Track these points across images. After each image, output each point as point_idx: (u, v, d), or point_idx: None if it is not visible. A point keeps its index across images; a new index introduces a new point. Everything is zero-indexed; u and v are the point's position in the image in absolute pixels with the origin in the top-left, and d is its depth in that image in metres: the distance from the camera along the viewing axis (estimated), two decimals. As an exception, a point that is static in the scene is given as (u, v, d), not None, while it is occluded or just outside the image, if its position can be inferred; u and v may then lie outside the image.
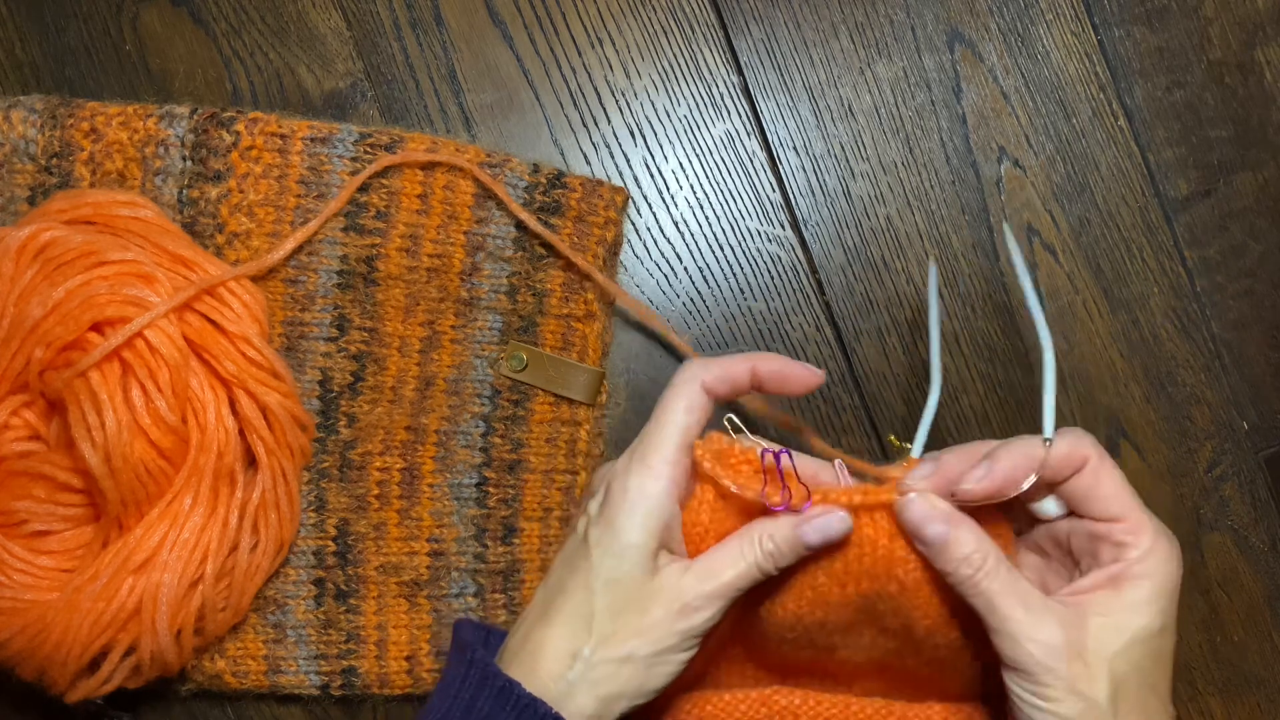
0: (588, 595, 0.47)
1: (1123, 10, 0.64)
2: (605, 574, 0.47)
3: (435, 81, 0.61)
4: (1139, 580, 0.46)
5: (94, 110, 0.56)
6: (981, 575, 0.45)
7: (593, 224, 0.59)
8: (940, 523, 0.46)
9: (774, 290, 0.62)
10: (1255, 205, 0.64)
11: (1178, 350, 0.64)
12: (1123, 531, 0.46)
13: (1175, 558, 0.47)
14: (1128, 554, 0.46)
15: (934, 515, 0.46)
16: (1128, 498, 0.47)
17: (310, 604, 0.59)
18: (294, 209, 0.58)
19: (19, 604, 0.53)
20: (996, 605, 0.45)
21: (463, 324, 0.59)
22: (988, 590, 0.45)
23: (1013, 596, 0.45)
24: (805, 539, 0.47)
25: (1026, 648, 0.44)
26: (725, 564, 0.47)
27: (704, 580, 0.47)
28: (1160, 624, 0.46)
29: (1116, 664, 0.45)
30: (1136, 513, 0.46)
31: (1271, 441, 0.64)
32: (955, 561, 0.46)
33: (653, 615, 0.47)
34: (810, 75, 0.63)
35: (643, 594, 0.47)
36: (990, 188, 0.63)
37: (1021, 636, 0.45)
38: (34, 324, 0.51)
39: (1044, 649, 0.44)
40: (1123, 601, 0.45)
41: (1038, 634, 0.44)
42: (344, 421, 0.59)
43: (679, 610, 0.47)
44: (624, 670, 0.47)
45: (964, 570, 0.45)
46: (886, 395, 0.62)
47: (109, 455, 0.51)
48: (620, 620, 0.47)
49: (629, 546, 0.46)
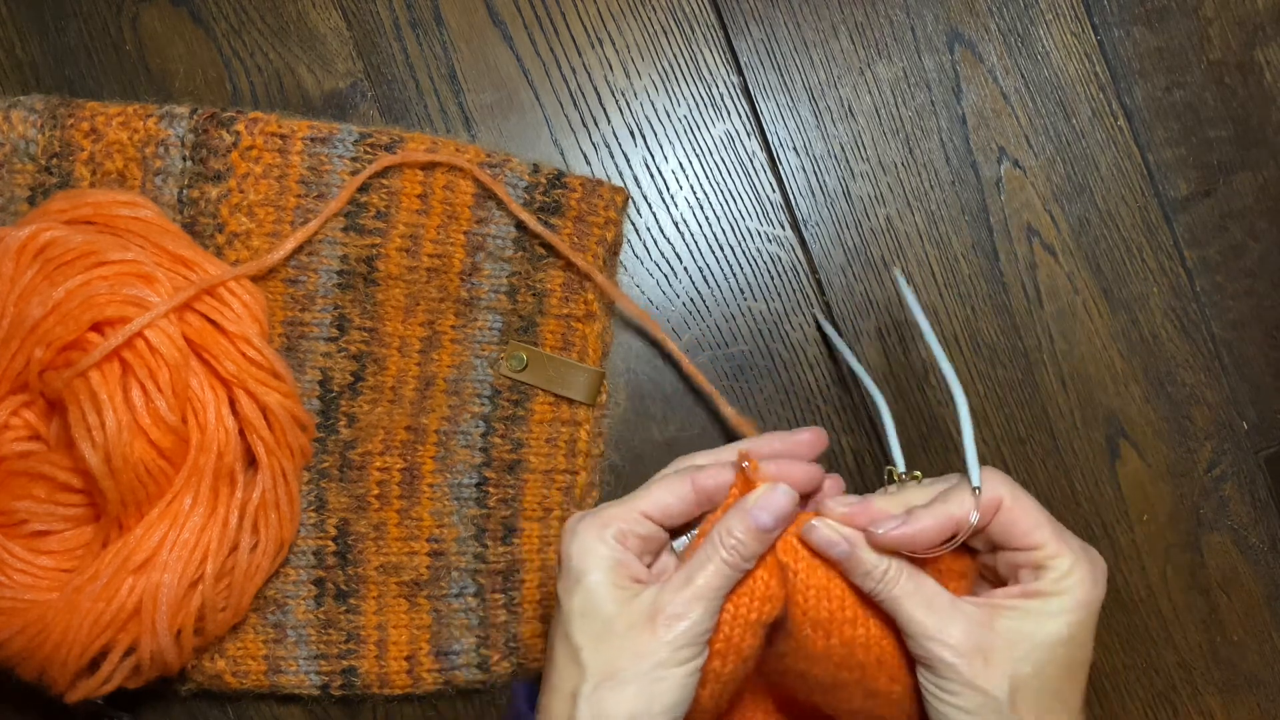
0: (567, 639, 0.47)
1: (1123, 10, 0.64)
2: (577, 612, 0.47)
3: (435, 81, 0.61)
4: (1051, 595, 0.48)
5: (94, 110, 0.56)
6: (885, 584, 0.48)
7: (593, 224, 0.59)
8: (841, 543, 0.49)
9: (774, 290, 0.62)
10: (1255, 205, 0.64)
11: (1178, 350, 0.64)
12: (1041, 557, 0.48)
13: (1097, 579, 0.48)
14: (1047, 575, 0.48)
15: (834, 538, 0.49)
16: (1045, 527, 0.49)
17: (310, 604, 0.59)
18: (294, 209, 0.58)
19: (19, 604, 0.53)
20: (902, 608, 0.48)
21: (463, 324, 0.59)
22: (893, 595, 0.48)
23: (917, 598, 0.48)
24: (758, 523, 0.48)
25: (929, 645, 0.47)
26: (696, 567, 0.48)
27: (680, 588, 0.48)
28: (1069, 634, 0.47)
29: (1019, 665, 0.47)
30: (1054, 539, 0.48)
31: (1271, 441, 0.64)
32: (861, 576, 0.48)
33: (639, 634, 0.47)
34: (810, 75, 0.63)
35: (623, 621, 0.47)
36: (990, 188, 0.63)
37: (925, 635, 0.47)
38: (34, 324, 0.51)
39: (946, 647, 0.47)
40: (1033, 609, 0.48)
41: (939, 633, 0.47)
42: (344, 421, 0.59)
43: (662, 621, 0.47)
44: (626, 693, 0.47)
45: (869, 583, 0.48)
46: (886, 395, 0.62)
47: (109, 455, 0.51)
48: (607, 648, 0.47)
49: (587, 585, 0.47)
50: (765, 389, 0.62)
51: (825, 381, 0.62)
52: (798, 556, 0.50)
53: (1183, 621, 0.64)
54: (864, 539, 0.49)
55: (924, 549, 0.49)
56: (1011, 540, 0.49)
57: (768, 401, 0.62)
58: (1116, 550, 0.63)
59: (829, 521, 0.49)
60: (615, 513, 0.49)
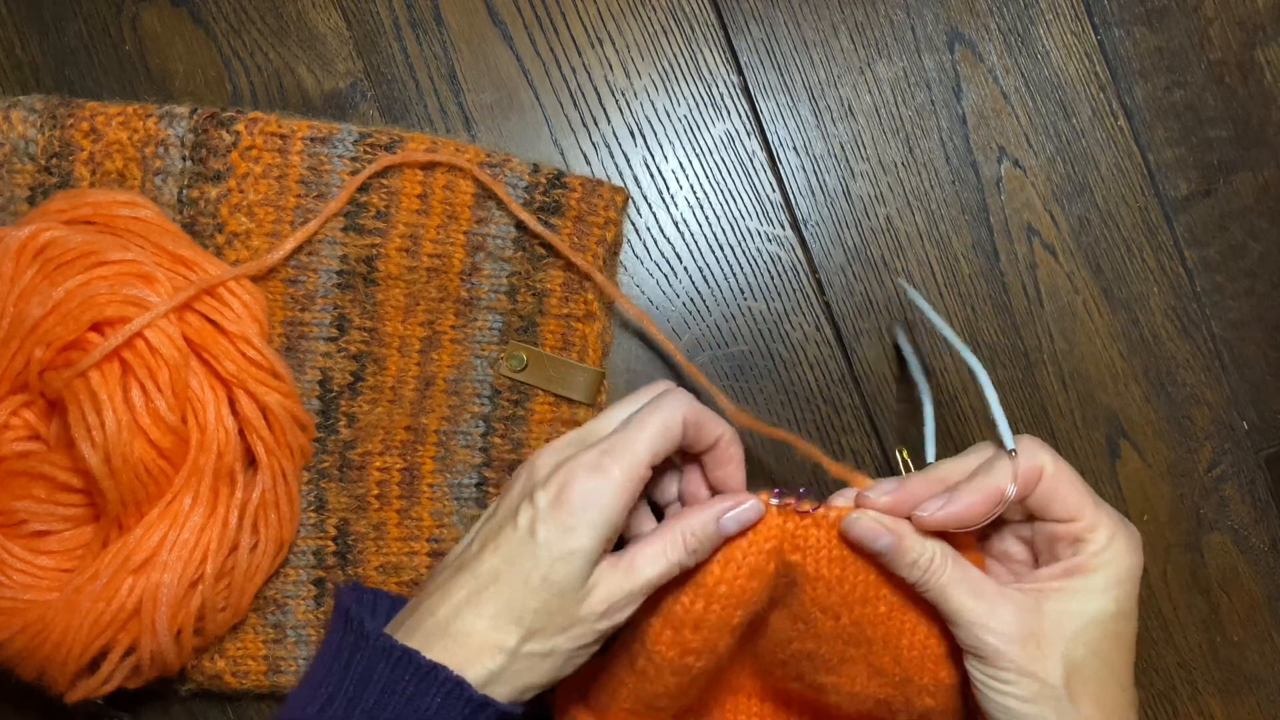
0: (525, 592, 0.47)
1: (1123, 10, 0.64)
2: (548, 574, 0.47)
3: (435, 81, 0.61)
4: (1096, 570, 0.47)
5: (94, 110, 0.56)
6: (932, 573, 0.48)
7: (593, 224, 0.59)
8: (886, 535, 0.48)
9: (774, 290, 0.62)
10: (1255, 205, 0.64)
11: (1178, 350, 0.64)
12: (1081, 529, 0.48)
13: (1135, 548, 0.48)
14: (1086, 548, 0.48)
15: (879, 530, 0.48)
16: (1085, 497, 0.48)
17: (310, 604, 0.59)
18: (294, 209, 0.58)
19: (19, 604, 0.53)
20: (950, 596, 0.47)
21: (463, 324, 0.59)
22: (940, 585, 0.48)
23: (964, 585, 0.47)
24: (725, 530, 0.49)
25: (979, 634, 0.47)
26: (648, 562, 0.48)
27: (629, 579, 0.48)
28: (1116, 609, 0.47)
29: (1071, 647, 0.46)
30: (1093, 510, 0.48)
31: (1271, 441, 0.64)
32: (907, 566, 0.48)
33: (580, 613, 0.48)
34: (810, 75, 0.63)
35: (576, 596, 0.47)
36: (990, 188, 0.63)
37: (974, 624, 0.47)
38: (34, 324, 0.51)
39: (996, 635, 0.46)
40: (1079, 587, 0.47)
41: (990, 620, 0.47)
42: (344, 421, 0.59)
43: (604, 611, 0.48)
44: (545, 664, 0.48)
45: (915, 573, 0.48)
46: (886, 395, 0.62)
47: (109, 455, 0.51)
48: (550, 619, 0.47)
49: (577, 552, 0.47)
50: (765, 389, 0.62)
51: (825, 381, 0.62)
52: (806, 552, 0.50)
53: (1183, 621, 0.64)
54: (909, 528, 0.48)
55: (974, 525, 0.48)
56: (1051, 511, 0.48)
57: (768, 401, 0.62)
58: (1116, 550, 0.63)
59: (871, 513, 0.48)
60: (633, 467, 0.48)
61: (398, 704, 0.45)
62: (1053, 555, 0.49)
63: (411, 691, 0.45)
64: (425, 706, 0.45)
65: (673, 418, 0.50)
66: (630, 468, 0.48)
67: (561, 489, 0.48)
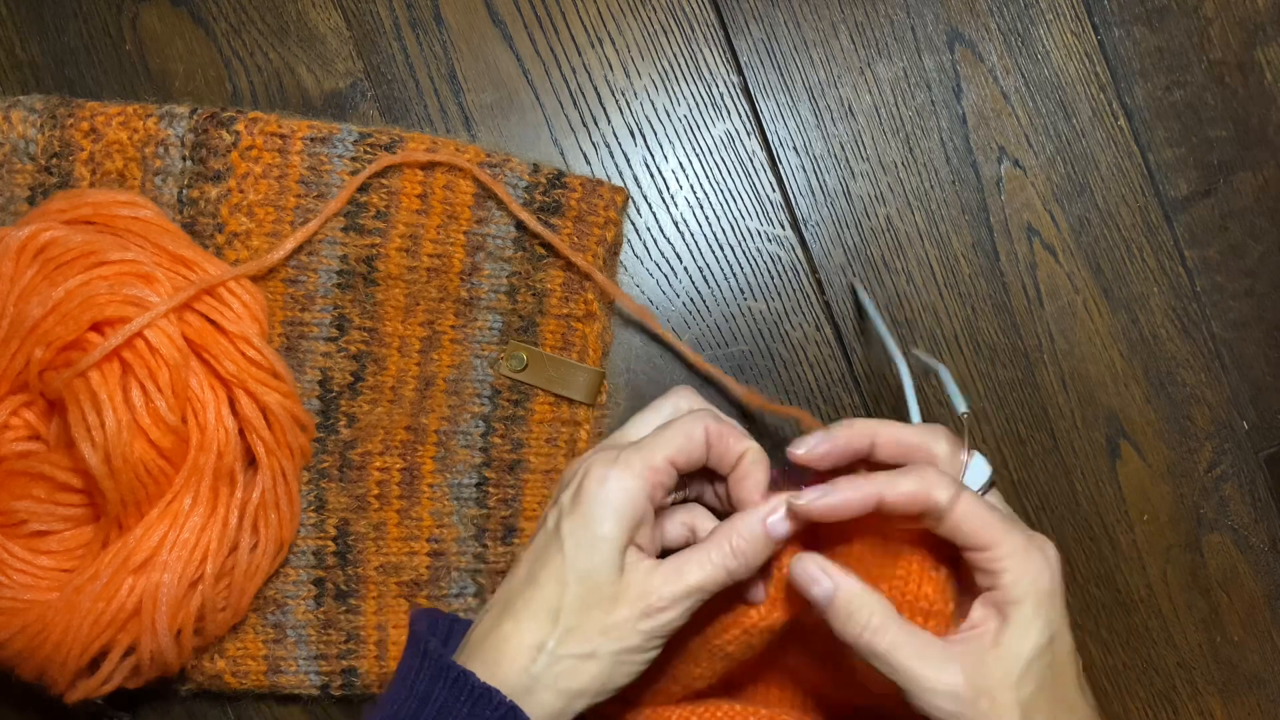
0: (559, 587, 0.47)
1: (1123, 10, 0.64)
2: (576, 565, 0.47)
3: (435, 81, 0.61)
4: (1017, 603, 0.46)
5: (94, 110, 0.56)
6: (870, 633, 0.45)
7: (593, 224, 0.59)
8: (824, 581, 0.46)
9: (774, 290, 0.62)
10: (1255, 205, 0.64)
11: (1178, 350, 0.64)
12: (988, 560, 0.46)
13: (1047, 564, 0.46)
14: (1000, 580, 0.46)
15: (816, 574, 0.46)
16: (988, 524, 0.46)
17: (310, 604, 0.59)
18: (294, 209, 0.58)
19: (19, 604, 0.53)
20: (894, 661, 0.45)
21: (463, 324, 0.59)
22: (881, 648, 0.45)
23: (908, 649, 0.45)
24: (774, 533, 0.48)
25: (931, 699, 0.45)
26: (695, 566, 0.47)
27: (671, 581, 0.47)
28: (1049, 635, 0.46)
29: (1021, 689, 0.45)
30: (999, 536, 0.46)
31: (1271, 441, 0.64)
32: (843, 620, 0.46)
33: (619, 613, 0.47)
34: (810, 75, 0.63)
35: (612, 590, 0.47)
36: (990, 188, 0.63)
37: (925, 690, 0.45)
38: (34, 324, 0.51)
39: (948, 698, 0.45)
40: (1009, 628, 0.46)
41: (939, 684, 0.45)
42: (344, 421, 0.59)
43: (644, 610, 0.47)
44: (587, 667, 0.47)
45: (852, 631, 0.46)
46: (886, 395, 0.62)
47: (109, 455, 0.51)
48: (587, 615, 0.47)
49: (601, 539, 0.47)
50: (765, 389, 0.62)
51: (825, 381, 0.62)
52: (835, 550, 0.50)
53: (1183, 621, 0.64)
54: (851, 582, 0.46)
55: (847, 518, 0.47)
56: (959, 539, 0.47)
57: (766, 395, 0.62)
58: (1116, 550, 0.63)
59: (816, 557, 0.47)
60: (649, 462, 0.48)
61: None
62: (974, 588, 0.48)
63: (465, 713, 0.45)
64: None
65: (695, 427, 0.49)
66: (648, 459, 0.48)
67: (581, 483, 0.48)
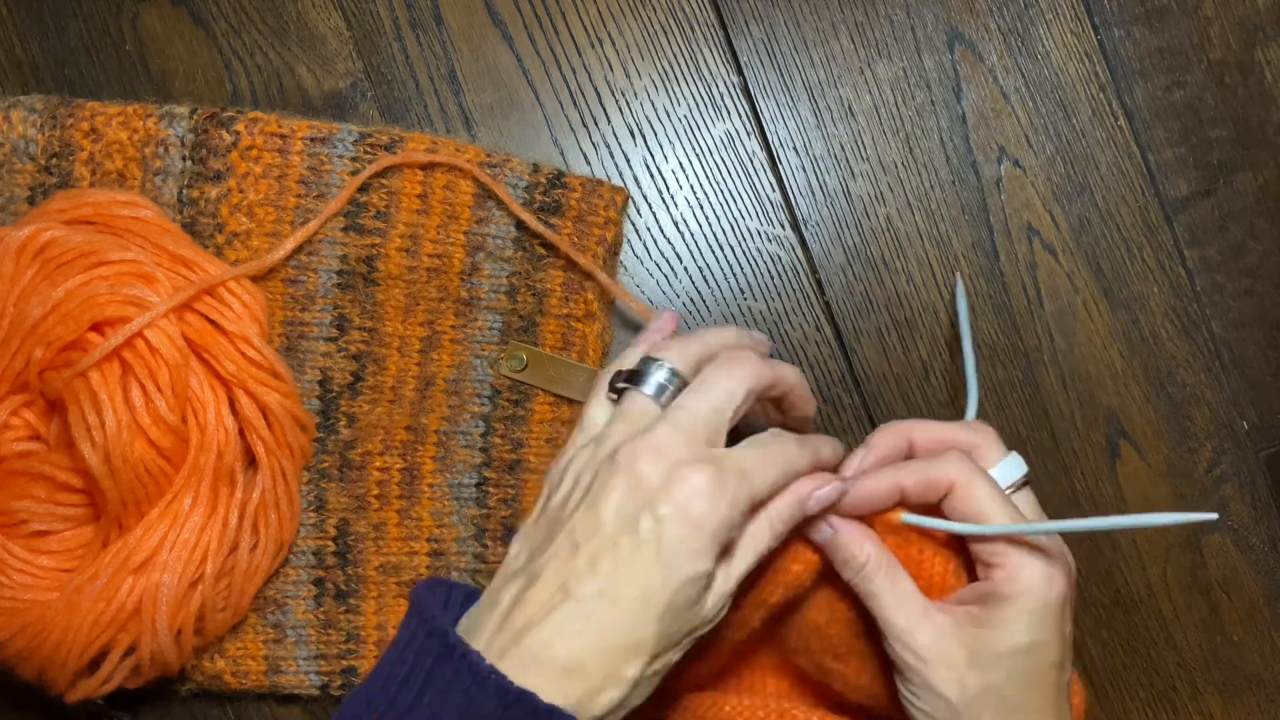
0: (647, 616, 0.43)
1: (1123, 10, 0.64)
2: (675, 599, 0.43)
3: (435, 81, 0.61)
4: (1005, 600, 0.46)
5: (94, 110, 0.56)
6: (862, 578, 0.48)
7: (593, 224, 0.59)
8: (825, 527, 0.48)
9: (774, 290, 0.62)
10: (1255, 205, 0.64)
11: (1178, 350, 0.64)
12: (989, 553, 0.47)
13: (1052, 578, 0.46)
14: (995, 573, 0.47)
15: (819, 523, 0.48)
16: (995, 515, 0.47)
17: (310, 604, 0.59)
18: (294, 209, 0.58)
19: (19, 604, 0.53)
20: (876, 604, 0.47)
21: (463, 324, 0.59)
22: (869, 591, 0.48)
23: (890, 597, 0.47)
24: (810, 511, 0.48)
25: (895, 647, 0.47)
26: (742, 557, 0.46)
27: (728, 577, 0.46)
28: (1029, 641, 0.46)
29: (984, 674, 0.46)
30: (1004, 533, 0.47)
31: (1271, 441, 0.64)
32: (840, 564, 0.48)
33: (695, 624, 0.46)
34: (810, 75, 0.63)
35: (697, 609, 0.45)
36: (990, 188, 0.63)
37: (893, 636, 0.47)
38: (34, 324, 0.51)
39: (910, 651, 0.47)
40: (989, 619, 0.47)
41: (908, 638, 0.47)
42: (344, 421, 0.59)
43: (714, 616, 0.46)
44: (655, 680, 0.45)
45: (847, 572, 0.48)
46: (886, 395, 0.62)
47: (109, 455, 0.51)
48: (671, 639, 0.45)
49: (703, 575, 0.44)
50: (765, 389, 0.62)
51: (825, 381, 0.62)
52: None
53: (1183, 621, 0.64)
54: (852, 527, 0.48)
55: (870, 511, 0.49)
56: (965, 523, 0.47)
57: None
58: (1116, 550, 0.63)
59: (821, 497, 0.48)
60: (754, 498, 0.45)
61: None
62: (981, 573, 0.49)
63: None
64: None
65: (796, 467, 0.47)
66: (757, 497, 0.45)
67: (688, 504, 0.43)
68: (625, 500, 0.44)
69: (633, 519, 0.44)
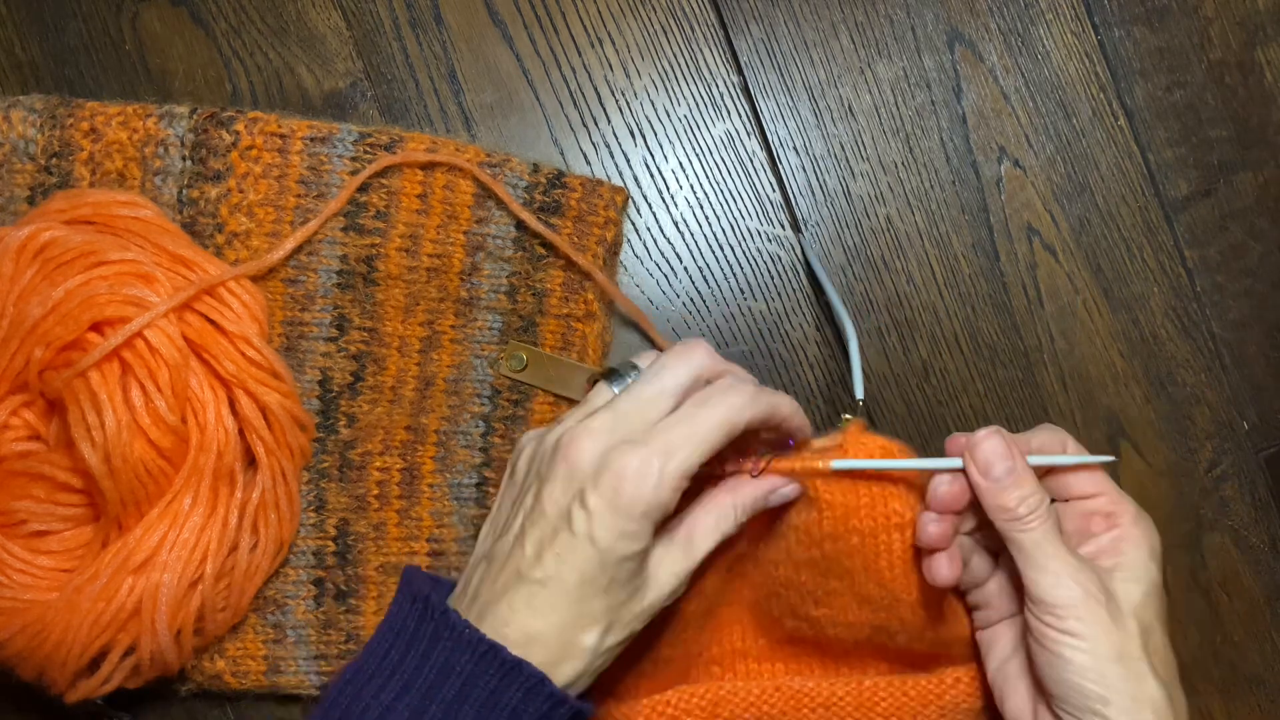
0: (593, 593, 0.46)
1: (1123, 10, 0.64)
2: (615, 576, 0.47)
3: (435, 81, 0.61)
4: (1139, 540, 0.50)
5: (94, 110, 0.56)
6: (1034, 517, 0.48)
7: (593, 224, 0.59)
8: (1008, 459, 0.49)
9: (774, 290, 0.62)
10: (1255, 205, 0.64)
11: (1178, 350, 0.64)
12: (1109, 503, 0.50)
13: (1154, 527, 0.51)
14: (1120, 520, 0.50)
15: (1005, 455, 0.49)
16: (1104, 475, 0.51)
17: (310, 604, 0.59)
18: (294, 209, 0.58)
19: (19, 604, 0.53)
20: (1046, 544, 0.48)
21: (463, 324, 0.59)
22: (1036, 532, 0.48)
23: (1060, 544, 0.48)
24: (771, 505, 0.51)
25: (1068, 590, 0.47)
26: (704, 536, 0.49)
27: (689, 554, 0.49)
28: (1159, 579, 0.50)
29: (1141, 615, 0.48)
30: (1114, 487, 0.51)
31: (1271, 441, 0.64)
32: (1017, 499, 0.48)
33: (650, 597, 0.48)
34: (810, 75, 0.63)
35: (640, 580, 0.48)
36: (990, 188, 0.63)
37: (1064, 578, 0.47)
38: (34, 324, 0.51)
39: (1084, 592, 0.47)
40: (1132, 559, 0.49)
41: (1080, 577, 0.47)
42: (344, 421, 0.59)
43: (673, 589, 0.49)
44: (616, 651, 0.48)
45: (1021, 510, 0.48)
46: (886, 395, 0.62)
47: (109, 455, 0.51)
48: (621, 610, 0.48)
49: (638, 553, 0.47)
50: (765, 389, 0.62)
51: (825, 381, 0.62)
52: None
53: (1183, 621, 0.64)
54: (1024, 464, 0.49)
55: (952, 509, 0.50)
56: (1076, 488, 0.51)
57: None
58: (1116, 550, 0.63)
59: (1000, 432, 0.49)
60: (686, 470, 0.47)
61: (479, 696, 0.45)
62: (1086, 533, 0.51)
63: (494, 685, 0.45)
64: (506, 701, 0.45)
65: (737, 420, 0.48)
66: (687, 471, 0.47)
67: (616, 492, 0.46)
68: (561, 493, 0.47)
69: (567, 511, 0.47)
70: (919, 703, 0.54)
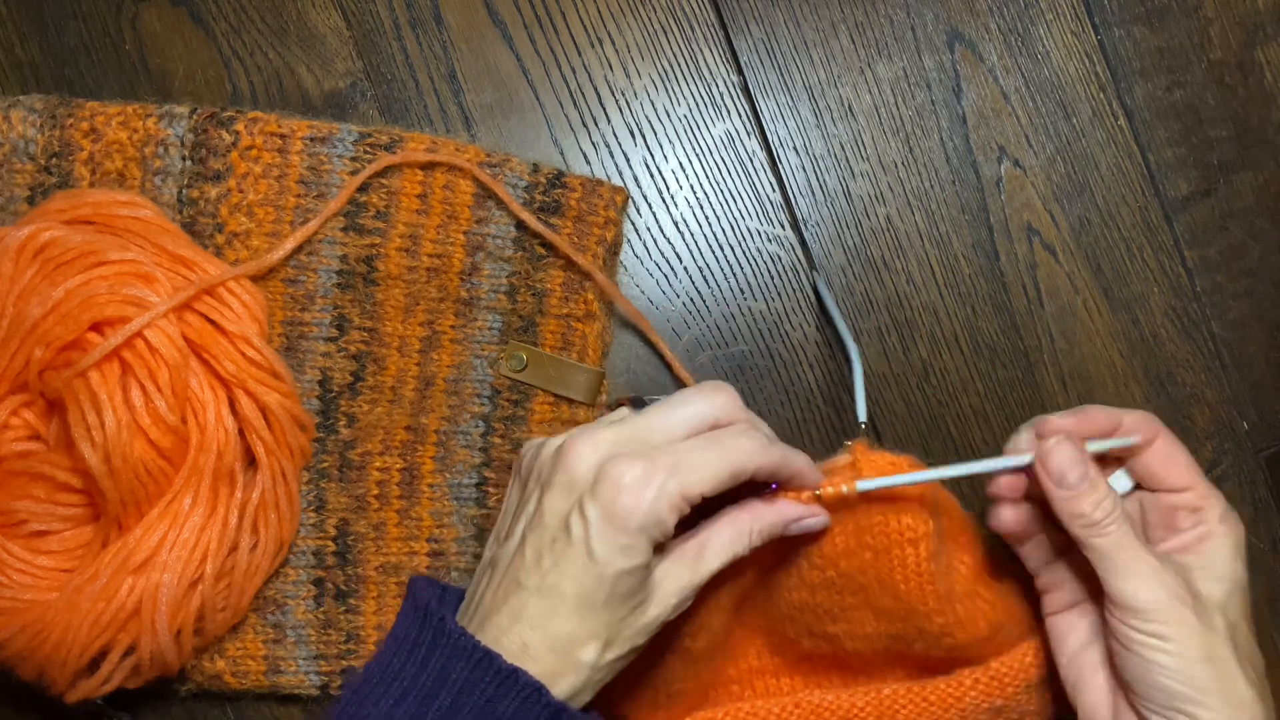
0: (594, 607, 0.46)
1: (1123, 10, 0.64)
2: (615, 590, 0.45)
3: (435, 81, 0.61)
4: (1225, 537, 0.49)
5: (94, 110, 0.56)
6: (1111, 521, 0.48)
7: (593, 224, 0.59)
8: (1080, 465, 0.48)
9: (774, 290, 0.62)
10: (1255, 205, 0.64)
11: (1178, 350, 0.64)
12: (1196, 498, 0.50)
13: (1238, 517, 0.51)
14: (1208, 515, 0.50)
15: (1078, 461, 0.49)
16: (1195, 468, 0.51)
17: (310, 604, 0.59)
18: (294, 209, 0.58)
19: (19, 604, 0.53)
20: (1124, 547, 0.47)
21: (463, 324, 0.59)
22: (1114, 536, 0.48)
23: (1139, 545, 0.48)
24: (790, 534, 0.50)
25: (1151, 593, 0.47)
26: (715, 553, 0.48)
27: (696, 570, 0.48)
28: (1244, 578, 0.49)
29: (1227, 611, 0.48)
30: (1203, 480, 0.50)
31: (1271, 441, 0.64)
32: (1092, 505, 0.48)
33: (652, 612, 0.47)
34: (810, 75, 0.63)
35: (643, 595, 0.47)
36: (990, 188, 0.63)
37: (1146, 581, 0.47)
38: (34, 324, 0.51)
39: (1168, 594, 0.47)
40: (1217, 556, 0.49)
41: (1163, 578, 0.47)
42: (344, 421, 0.59)
43: (676, 604, 0.48)
44: (618, 665, 0.48)
45: (1097, 515, 0.48)
46: (886, 395, 0.62)
47: (109, 455, 0.51)
48: (623, 625, 0.47)
49: (638, 568, 0.46)
50: (765, 389, 0.62)
51: (825, 381, 0.62)
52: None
53: (1183, 621, 0.64)
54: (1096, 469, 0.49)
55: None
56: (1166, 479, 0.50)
57: (767, 401, 0.62)
58: (1116, 550, 0.63)
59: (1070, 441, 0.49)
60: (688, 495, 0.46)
61: (475, 704, 0.44)
62: (1168, 528, 0.50)
63: (491, 693, 0.44)
64: (502, 710, 0.44)
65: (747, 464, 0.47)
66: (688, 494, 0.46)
67: (612, 501, 0.45)
68: (560, 500, 0.46)
69: (565, 520, 0.46)
70: (939, 707, 0.53)
